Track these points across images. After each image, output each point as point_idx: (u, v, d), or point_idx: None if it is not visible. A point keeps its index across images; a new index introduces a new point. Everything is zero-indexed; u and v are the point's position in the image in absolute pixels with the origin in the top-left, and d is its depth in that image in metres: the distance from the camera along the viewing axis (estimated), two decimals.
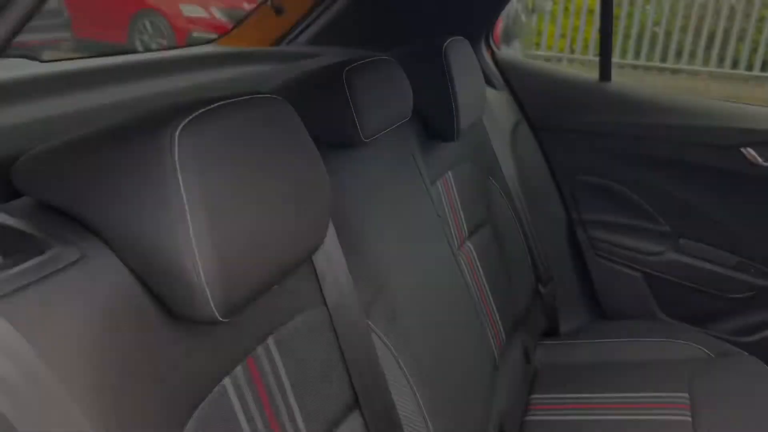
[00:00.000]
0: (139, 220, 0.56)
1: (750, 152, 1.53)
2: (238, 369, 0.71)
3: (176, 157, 0.56)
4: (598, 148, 1.76)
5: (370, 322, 0.93)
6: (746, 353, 1.53)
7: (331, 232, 0.91)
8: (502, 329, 1.53)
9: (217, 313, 0.58)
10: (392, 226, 1.11)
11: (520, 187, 1.77)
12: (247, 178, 0.62)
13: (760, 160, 1.53)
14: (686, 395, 1.41)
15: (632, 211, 1.78)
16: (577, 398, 1.51)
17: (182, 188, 0.55)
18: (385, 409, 0.91)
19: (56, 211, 0.61)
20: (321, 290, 0.88)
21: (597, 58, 1.81)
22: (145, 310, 0.59)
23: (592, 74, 1.84)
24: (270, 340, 0.77)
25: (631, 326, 1.75)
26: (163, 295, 0.59)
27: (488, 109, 1.72)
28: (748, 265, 1.66)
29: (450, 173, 1.48)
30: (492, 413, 1.38)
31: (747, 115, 1.57)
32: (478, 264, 1.51)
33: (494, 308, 1.52)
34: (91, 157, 0.59)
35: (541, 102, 1.87)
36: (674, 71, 6.76)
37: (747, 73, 6.43)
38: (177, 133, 0.56)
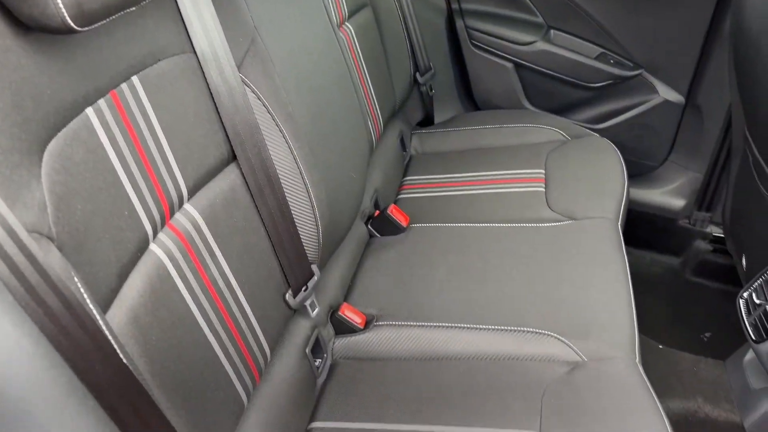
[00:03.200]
0: None
1: None
2: (102, 102, 0.68)
3: None
4: None
5: (242, 75, 0.91)
6: (597, 135, 1.68)
7: None
8: (380, 115, 1.56)
9: (67, 16, 0.53)
10: None
11: None
12: None
13: None
14: (543, 171, 1.55)
15: (509, 1, 1.80)
16: (445, 178, 1.62)
17: None
18: (261, 162, 0.92)
19: None
20: (188, 36, 0.83)
21: None
22: None
23: None
24: (135, 79, 0.73)
25: (499, 115, 1.85)
26: None
27: None
28: (608, 56, 1.76)
29: None
30: (368, 188, 1.45)
31: None
32: (358, 47, 1.49)
33: (373, 94, 1.53)
34: None
35: None
36: None
37: None
38: None
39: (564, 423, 0.91)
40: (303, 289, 1.02)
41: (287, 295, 0.99)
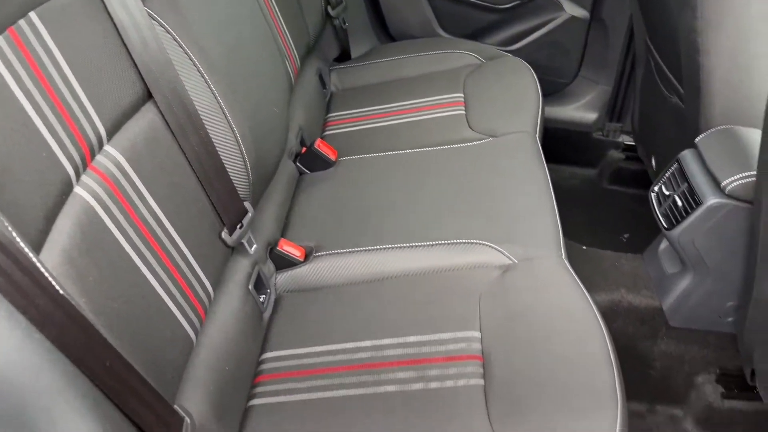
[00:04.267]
0: None
1: None
2: (0, 40, 0.64)
3: None
4: None
5: (147, 9, 0.88)
6: (511, 56, 1.72)
7: None
8: (295, 53, 1.54)
9: None
10: None
11: None
12: None
13: None
14: (461, 95, 1.58)
15: None
16: (368, 111, 1.63)
17: None
18: (178, 99, 0.89)
19: None
20: None
21: None
22: None
23: None
24: (33, 15, 0.70)
25: (415, 45, 1.86)
26: None
27: None
28: None
29: None
30: (293, 126, 1.45)
31: None
32: None
33: (286, 31, 1.50)
34: None
35: None
36: None
37: None
38: None
39: (502, 320, 0.96)
40: (238, 226, 1.02)
41: (223, 233, 0.99)
